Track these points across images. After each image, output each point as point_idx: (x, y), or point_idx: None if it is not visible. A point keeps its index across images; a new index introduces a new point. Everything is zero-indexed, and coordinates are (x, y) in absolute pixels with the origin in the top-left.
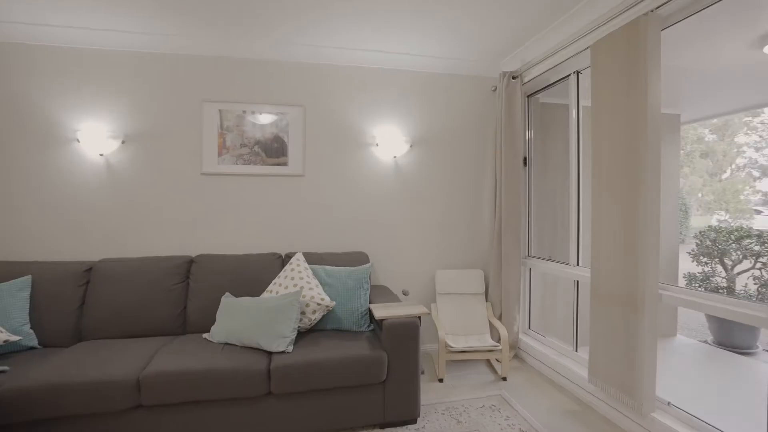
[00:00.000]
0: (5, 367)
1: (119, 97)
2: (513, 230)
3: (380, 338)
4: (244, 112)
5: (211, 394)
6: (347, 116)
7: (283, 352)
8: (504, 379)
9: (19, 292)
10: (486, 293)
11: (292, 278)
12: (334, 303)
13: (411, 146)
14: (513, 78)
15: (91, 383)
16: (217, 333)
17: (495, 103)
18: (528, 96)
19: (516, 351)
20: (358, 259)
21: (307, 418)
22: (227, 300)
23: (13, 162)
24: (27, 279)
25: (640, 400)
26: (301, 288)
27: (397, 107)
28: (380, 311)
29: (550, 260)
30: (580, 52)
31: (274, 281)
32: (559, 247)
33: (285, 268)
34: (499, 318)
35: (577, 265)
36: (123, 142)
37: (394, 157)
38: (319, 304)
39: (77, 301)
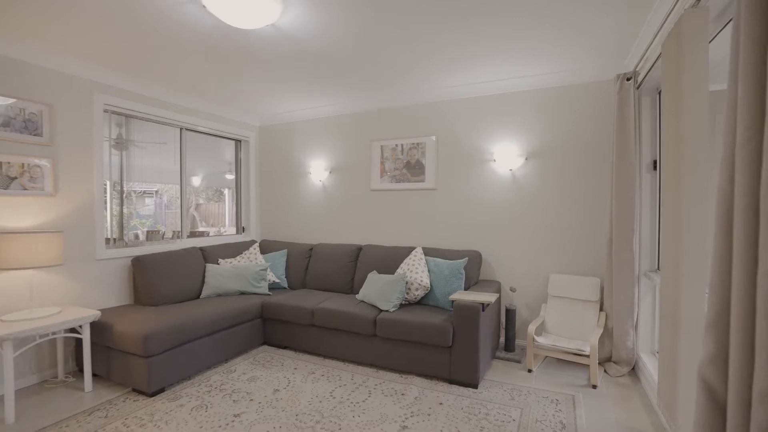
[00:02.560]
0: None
1: (327, 146)
2: (625, 240)
3: None
4: (396, 145)
5: (345, 327)
6: (469, 139)
7: (387, 311)
8: (594, 387)
9: (282, 257)
10: (601, 302)
11: (408, 264)
12: (429, 286)
13: (526, 159)
14: (627, 80)
15: (296, 307)
16: (361, 294)
17: (611, 107)
18: (659, 91)
19: (633, 368)
20: (470, 256)
21: (399, 358)
22: (370, 275)
23: (282, 188)
24: (285, 251)
25: (677, 428)
26: (409, 271)
27: (511, 126)
28: (456, 295)
29: None
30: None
31: (401, 265)
32: None
33: (408, 256)
34: (611, 330)
35: None
36: (330, 171)
37: (510, 169)
38: (419, 284)
39: (305, 267)
